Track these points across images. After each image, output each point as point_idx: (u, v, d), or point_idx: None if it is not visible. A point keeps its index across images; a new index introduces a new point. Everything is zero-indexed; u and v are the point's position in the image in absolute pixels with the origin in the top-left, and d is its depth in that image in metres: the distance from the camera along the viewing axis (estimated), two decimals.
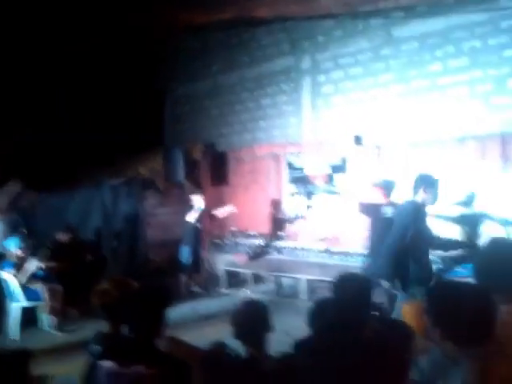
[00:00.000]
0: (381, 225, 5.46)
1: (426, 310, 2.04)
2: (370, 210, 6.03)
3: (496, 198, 6.76)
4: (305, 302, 7.43)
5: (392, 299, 4.87)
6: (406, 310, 3.80)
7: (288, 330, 5.34)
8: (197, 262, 8.44)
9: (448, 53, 7.45)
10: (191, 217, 8.36)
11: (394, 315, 4.29)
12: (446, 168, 7.31)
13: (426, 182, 4.96)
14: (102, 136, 10.19)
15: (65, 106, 10.29)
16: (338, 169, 8.47)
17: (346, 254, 8.12)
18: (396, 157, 7.91)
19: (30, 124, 9.87)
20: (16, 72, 9.49)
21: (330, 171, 8.60)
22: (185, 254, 8.32)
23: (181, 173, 9.58)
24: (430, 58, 7.62)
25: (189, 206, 8.50)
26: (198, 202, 8.48)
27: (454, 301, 1.95)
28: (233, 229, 9.76)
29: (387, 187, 6.03)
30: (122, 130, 10.41)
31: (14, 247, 6.95)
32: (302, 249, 8.77)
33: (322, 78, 8.90)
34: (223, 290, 8.54)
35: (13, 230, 7.81)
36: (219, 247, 9.81)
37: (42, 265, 6.94)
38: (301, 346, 2.71)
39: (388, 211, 5.63)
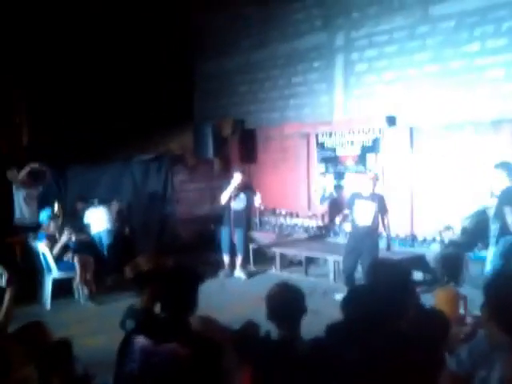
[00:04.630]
0: None
1: (484, 297, 2.04)
2: None
3: None
4: (332, 283, 7.45)
5: None
6: (440, 296, 3.76)
7: (317, 310, 5.40)
8: (235, 245, 8.05)
9: (486, 32, 7.22)
10: (225, 196, 7.88)
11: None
12: (480, 152, 7.16)
13: None
14: (133, 110, 10.27)
15: (97, 82, 10.35)
16: (370, 149, 8.36)
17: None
18: (429, 139, 7.77)
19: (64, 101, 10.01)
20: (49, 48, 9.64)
21: (361, 152, 8.50)
22: (224, 235, 8.06)
23: (210, 149, 9.57)
24: (468, 37, 7.39)
25: (225, 183, 8.05)
26: (236, 179, 7.91)
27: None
28: (261, 207, 9.78)
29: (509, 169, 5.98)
30: (153, 105, 10.45)
31: (46, 219, 7.11)
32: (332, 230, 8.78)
33: (355, 55, 8.73)
34: (251, 268, 8.57)
35: (45, 202, 7.96)
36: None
37: (74, 236, 7.07)
38: (334, 330, 2.71)
39: None
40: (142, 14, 10.55)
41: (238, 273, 8.12)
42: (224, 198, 7.93)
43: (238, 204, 8.01)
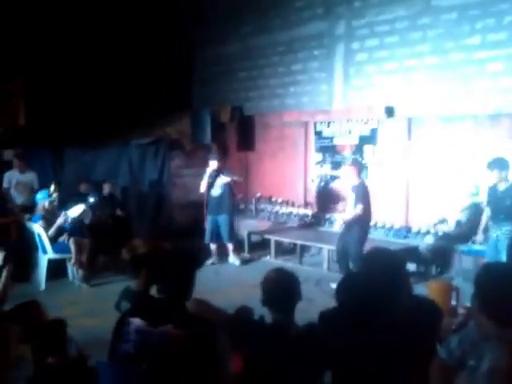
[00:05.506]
0: None
1: (474, 289, 2.06)
2: None
3: None
4: (326, 272, 7.49)
5: None
6: (433, 287, 3.79)
7: (310, 299, 5.44)
8: (220, 232, 8.06)
9: (488, 26, 7.20)
10: (203, 184, 7.97)
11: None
12: (477, 145, 7.18)
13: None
14: (131, 95, 10.22)
15: (97, 67, 10.29)
16: (368, 140, 8.36)
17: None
18: (427, 130, 7.78)
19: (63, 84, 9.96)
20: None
21: (359, 142, 8.50)
22: (209, 223, 8.02)
23: (208, 135, 9.56)
24: (469, 30, 7.37)
25: (202, 172, 8.10)
26: (211, 166, 7.97)
27: (504, 282, 1.96)
28: (257, 195, 9.79)
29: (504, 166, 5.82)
30: (152, 90, 10.40)
31: (42, 200, 7.11)
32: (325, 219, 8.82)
33: (356, 45, 8.69)
34: (245, 255, 8.61)
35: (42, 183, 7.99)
36: (243, 212, 9.88)
37: (70, 218, 7.07)
38: (327, 317, 2.74)
39: None
40: None
41: (232, 259, 8.14)
42: (202, 186, 7.98)
43: (217, 191, 8.00)
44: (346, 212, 6.85)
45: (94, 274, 6.99)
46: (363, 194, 6.55)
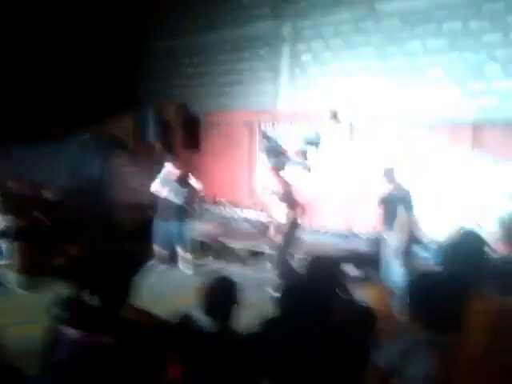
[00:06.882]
0: None
1: (406, 298, 2.09)
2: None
3: (466, 183, 6.87)
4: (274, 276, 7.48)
5: None
6: (370, 292, 3.85)
7: (257, 304, 5.42)
8: (176, 239, 7.60)
9: (428, 32, 7.41)
10: (156, 185, 7.40)
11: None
12: (417, 150, 7.37)
13: None
14: (72, 88, 9.88)
15: (37, 58, 9.87)
16: (312, 143, 8.43)
17: (313, 230, 8.18)
18: (369, 134, 7.92)
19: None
20: None
21: (303, 144, 8.56)
22: (161, 228, 7.51)
23: (152, 132, 9.36)
24: (410, 35, 7.57)
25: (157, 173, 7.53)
26: (167, 168, 7.46)
27: (432, 290, 1.99)
28: (201, 195, 9.67)
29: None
30: (95, 84, 10.08)
31: None
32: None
33: (301, 46, 8.76)
34: (194, 260, 8.45)
35: None
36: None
37: (6, 222, 6.75)
38: (268, 323, 2.73)
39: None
40: None
41: (184, 266, 7.88)
42: (154, 185, 7.43)
43: (178, 197, 7.52)
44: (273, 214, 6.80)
45: (31, 280, 6.70)
46: (288, 196, 6.56)
